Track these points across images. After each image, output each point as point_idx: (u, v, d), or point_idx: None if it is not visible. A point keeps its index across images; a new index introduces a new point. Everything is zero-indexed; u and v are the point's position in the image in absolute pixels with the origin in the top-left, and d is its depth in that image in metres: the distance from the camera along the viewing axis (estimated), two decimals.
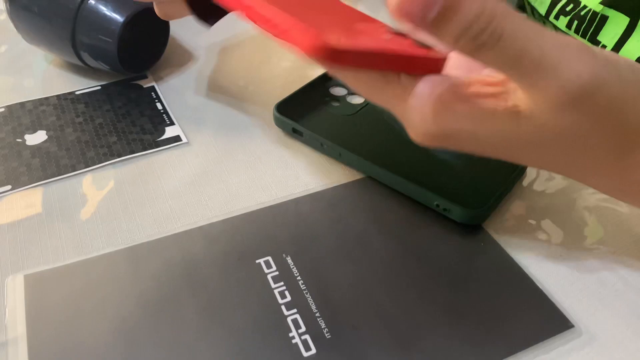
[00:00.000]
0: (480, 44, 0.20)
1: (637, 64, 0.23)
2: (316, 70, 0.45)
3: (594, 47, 0.22)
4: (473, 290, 0.30)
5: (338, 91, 0.43)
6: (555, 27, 0.45)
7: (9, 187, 0.36)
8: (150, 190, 0.36)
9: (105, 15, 0.41)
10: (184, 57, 0.48)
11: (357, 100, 0.42)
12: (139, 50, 0.44)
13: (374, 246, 0.32)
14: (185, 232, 0.33)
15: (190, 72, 0.47)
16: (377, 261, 0.31)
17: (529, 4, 0.47)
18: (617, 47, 0.39)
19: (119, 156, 0.38)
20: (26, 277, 0.30)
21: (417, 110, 0.23)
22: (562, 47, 0.21)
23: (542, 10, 0.45)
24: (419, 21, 0.20)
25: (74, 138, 0.39)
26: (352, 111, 0.41)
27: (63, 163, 0.37)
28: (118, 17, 0.41)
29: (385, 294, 0.29)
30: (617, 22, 0.39)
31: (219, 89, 0.45)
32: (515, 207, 0.35)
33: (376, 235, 0.33)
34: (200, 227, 0.33)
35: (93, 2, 0.41)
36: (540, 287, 0.30)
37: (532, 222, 0.34)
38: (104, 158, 0.38)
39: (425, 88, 0.23)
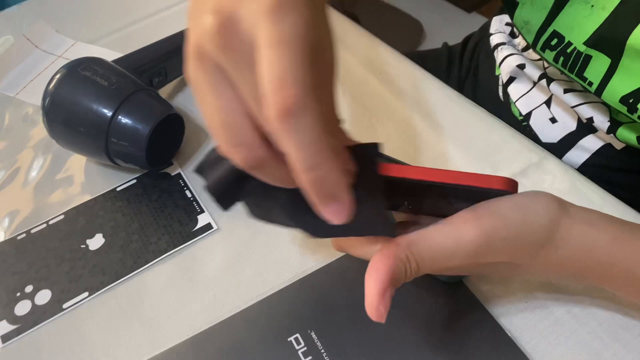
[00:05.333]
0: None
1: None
2: None
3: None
4: (459, 342, 0.39)
5: None
6: (543, 59, 0.49)
7: (87, 293, 0.45)
8: (195, 280, 0.45)
9: (132, 128, 0.48)
10: (201, 136, 0.56)
11: None
12: (163, 146, 0.52)
13: None
14: (231, 317, 0.42)
15: (208, 150, 0.55)
16: (383, 325, 0.40)
17: (519, 31, 0.52)
18: (603, 83, 0.43)
19: (165, 252, 0.47)
20: None
21: None
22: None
23: (530, 39, 0.49)
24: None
25: (126, 238, 0.48)
26: None
27: (123, 264, 0.46)
28: (144, 128, 0.48)
29: (391, 354, 0.38)
30: (600, 62, 0.43)
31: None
32: None
33: None
34: (241, 312, 0.42)
35: (121, 117, 0.48)
36: (509, 334, 0.39)
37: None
38: (154, 255, 0.47)
39: None
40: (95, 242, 0.48)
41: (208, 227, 0.48)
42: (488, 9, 1.97)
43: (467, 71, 0.70)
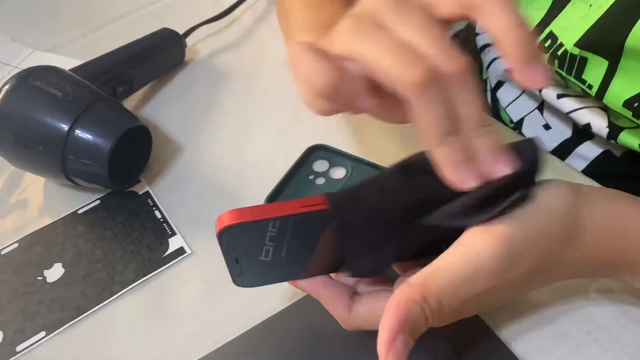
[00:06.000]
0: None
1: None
2: (295, 150, 0.48)
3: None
4: None
5: (320, 166, 0.46)
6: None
7: (44, 333, 0.40)
8: (168, 313, 0.40)
9: (92, 143, 0.43)
10: (171, 150, 0.51)
11: (338, 174, 0.45)
12: (128, 163, 0.47)
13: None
14: (209, 355, 0.37)
15: (180, 164, 0.50)
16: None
17: None
18: (603, 86, 0.40)
19: (133, 282, 0.42)
20: None
21: None
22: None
23: None
24: None
25: (89, 268, 0.43)
26: (337, 188, 0.44)
27: (86, 297, 0.41)
28: (105, 143, 0.43)
29: None
30: (597, 64, 0.40)
31: (209, 180, 0.48)
32: None
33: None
34: (221, 348, 0.37)
35: (79, 131, 0.43)
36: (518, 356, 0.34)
37: None
38: (120, 286, 0.41)
39: None
40: (54, 273, 0.43)
41: (181, 251, 0.43)
42: None
43: None
